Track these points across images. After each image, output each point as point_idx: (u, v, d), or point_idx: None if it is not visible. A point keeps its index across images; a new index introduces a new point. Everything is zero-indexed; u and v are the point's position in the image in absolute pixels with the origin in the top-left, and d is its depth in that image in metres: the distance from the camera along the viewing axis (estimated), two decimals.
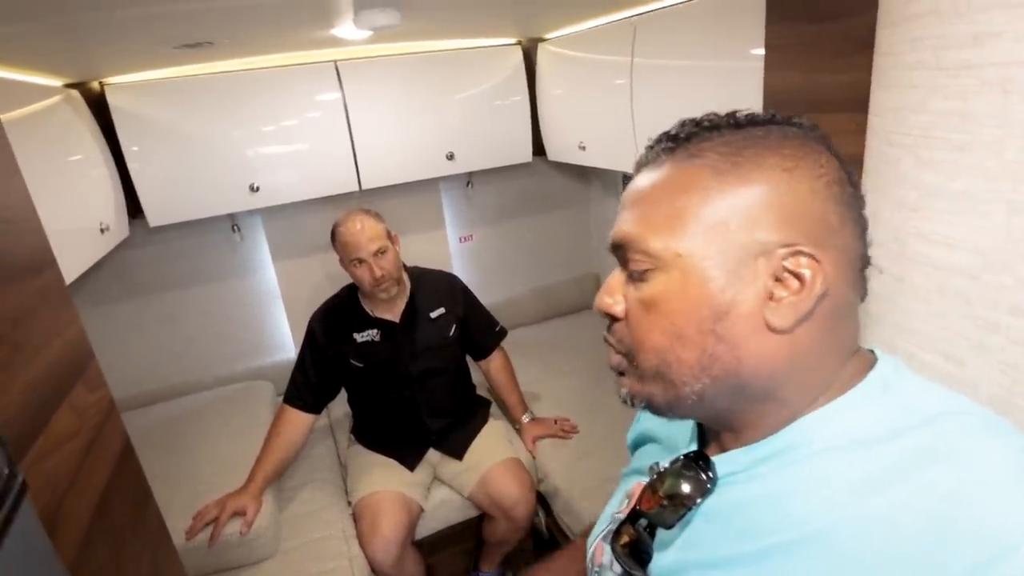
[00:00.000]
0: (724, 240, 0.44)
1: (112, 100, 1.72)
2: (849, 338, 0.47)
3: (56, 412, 0.61)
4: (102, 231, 1.55)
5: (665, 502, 0.50)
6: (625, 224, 0.48)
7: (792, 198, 0.43)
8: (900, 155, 0.59)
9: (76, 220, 1.44)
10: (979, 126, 0.50)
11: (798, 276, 0.43)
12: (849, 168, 0.47)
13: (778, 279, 0.43)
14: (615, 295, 0.50)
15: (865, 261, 0.47)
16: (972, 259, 0.53)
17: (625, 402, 0.51)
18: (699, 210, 0.44)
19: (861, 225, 0.46)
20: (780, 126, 0.47)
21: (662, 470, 0.53)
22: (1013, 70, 0.48)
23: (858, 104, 0.77)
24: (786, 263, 0.43)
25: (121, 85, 1.75)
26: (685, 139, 0.48)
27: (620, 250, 0.49)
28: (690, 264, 0.44)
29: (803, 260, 0.42)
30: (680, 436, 0.59)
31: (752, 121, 0.47)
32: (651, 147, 0.50)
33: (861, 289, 0.47)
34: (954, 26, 0.51)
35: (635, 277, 0.48)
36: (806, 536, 0.42)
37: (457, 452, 1.81)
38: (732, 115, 0.48)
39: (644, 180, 0.49)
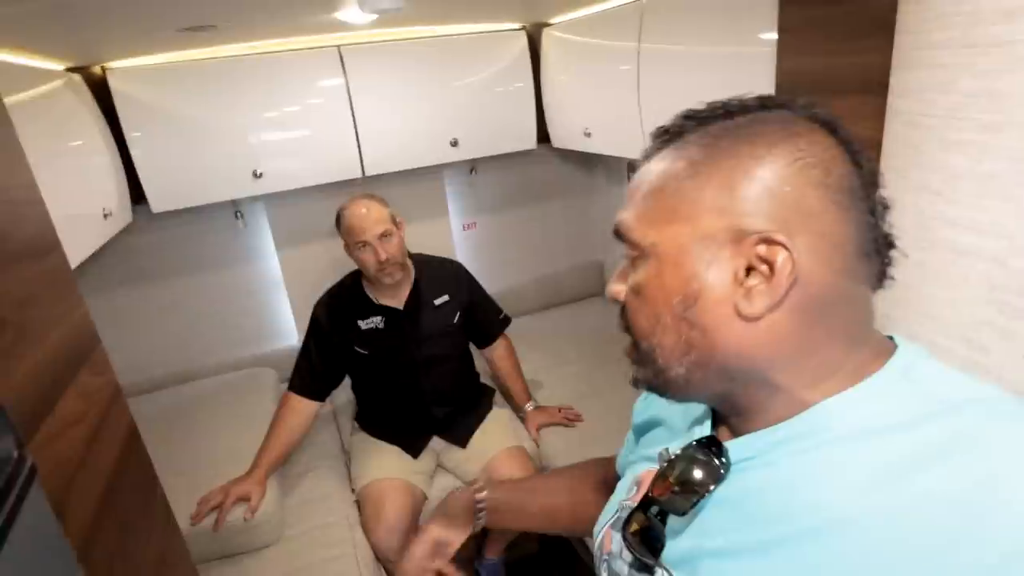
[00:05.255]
0: (695, 230, 0.45)
1: (114, 85, 1.70)
2: (852, 325, 0.45)
3: (62, 397, 0.61)
4: (105, 216, 1.54)
5: (676, 488, 0.49)
6: (621, 213, 0.51)
7: (762, 185, 0.43)
8: (923, 137, 0.57)
9: (79, 205, 1.43)
10: (1011, 105, 0.49)
11: (769, 264, 0.42)
12: (856, 148, 0.45)
13: (750, 267, 0.43)
14: (619, 282, 0.52)
15: (869, 245, 0.45)
16: (999, 244, 0.52)
17: (633, 385, 0.53)
18: (673, 201, 0.46)
19: (859, 209, 0.44)
20: (770, 111, 0.47)
21: (673, 456, 0.52)
22: None
23: (877, 86, 0.75)
24: (757, 250, 0.42)
25: (123, 70, 1.73)
26: (677, 132, 0.49)
27: (619, 237, 0.51)
28: (664, 253, 0.46)
29: (773, 248, 0.42)
30: (683, 420, 0.59)
31: (743, 109, 0.47)
32: (652, 139, 0.52)
33: (863, 275, 0.45)
34: (985, 1, 0.49)
35: (631, 265, 0.50)
36: (823, 525, 0.41)
37: (461, 440, 1.81)
38: (725, 104, 0.48)
39: (640, 172, 0.51)
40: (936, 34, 0.55)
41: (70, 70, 1.64)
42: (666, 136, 0.50)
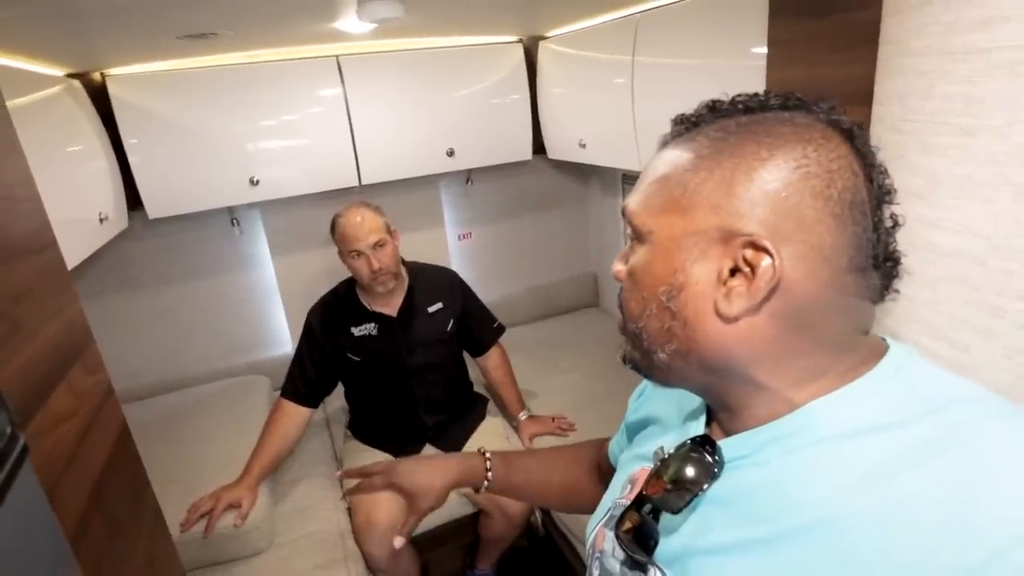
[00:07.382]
0: (689, 223, 0.45)
1: (113, 91, 1.71)
2: (838, 334, 0.45)
3: (54, 392, 0.61)
4: (101, 221, 1.54)
5: (670, 486, 0.49)
6: (629, 196, 0.51)
7: (760, 188, 0.42)
8: (905, 141, 0.59)
9: (75, 209, 1.44)
10: (987, 110, 0.50)
11: (752, 268, 0.42)
12: (872, 161, 0.45)
13: (735, 268, 0.43)
14: (620, 262, 0.53)
15: (866, 260, 0.44)
16: (978, 244, 0.53)
17: (622, 361, 0.53)
18: (674, 192, 0.46)
19: (859, 223, 0.43)
20: (788, 111, 0.46)
21: (667, 455, 0.52)
22: (1022, 53, 0.48)
23: (863, 97, 0.76)
24: (743, 253, 0.43)
25: (122, 76, 1.75)
26: (695, 122, 0.49)
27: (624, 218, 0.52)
28: (657, 241, 0.47)
29: (758, 253, 0.42)
30: (678, 415, 0.59)
31: (763, 106, 0.47)
32: (672, 126, 0.52)
33: (855, 288, 0.44)
34: (962, 11, 0.51)
35: (631, 248, 0.51)
36: (812, 523, 0.41)
37: (453, 448, 1.80)
38: (747, 99, 0.48)
39: (653, 158, 0.51)
40: (916, 42, 0.56)
41: (70, 76, 1.66)
42: (685, 125, 0.50)
